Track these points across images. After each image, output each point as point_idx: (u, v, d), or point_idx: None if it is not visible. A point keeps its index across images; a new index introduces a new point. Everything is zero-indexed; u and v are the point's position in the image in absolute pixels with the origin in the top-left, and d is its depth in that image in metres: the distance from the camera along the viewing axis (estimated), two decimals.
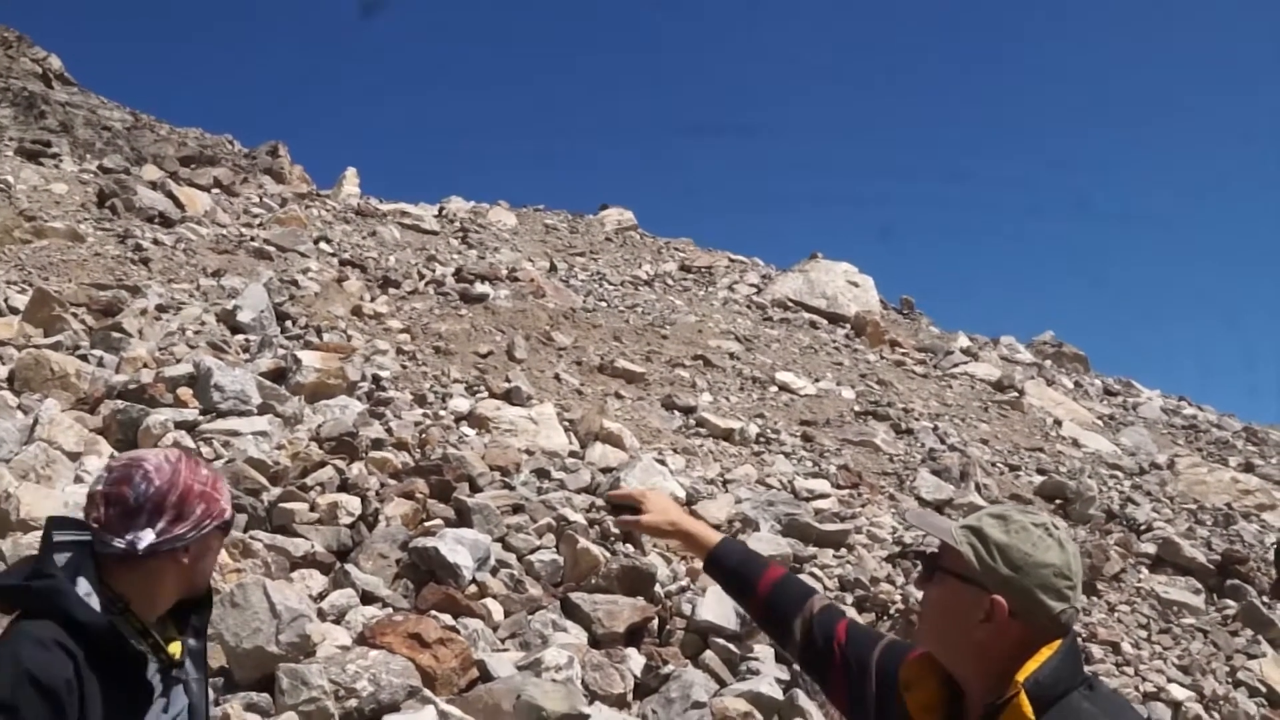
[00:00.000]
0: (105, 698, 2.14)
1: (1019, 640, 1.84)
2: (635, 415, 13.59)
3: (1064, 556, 1.87)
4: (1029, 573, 1.85)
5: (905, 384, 18.30)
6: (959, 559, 1.89)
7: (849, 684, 2.14)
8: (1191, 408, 22.09)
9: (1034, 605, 1.84)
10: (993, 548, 1.87)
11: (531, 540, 9.03)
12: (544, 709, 6.53)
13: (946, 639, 1.91)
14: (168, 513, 2.29)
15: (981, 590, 1.86)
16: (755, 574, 2.40)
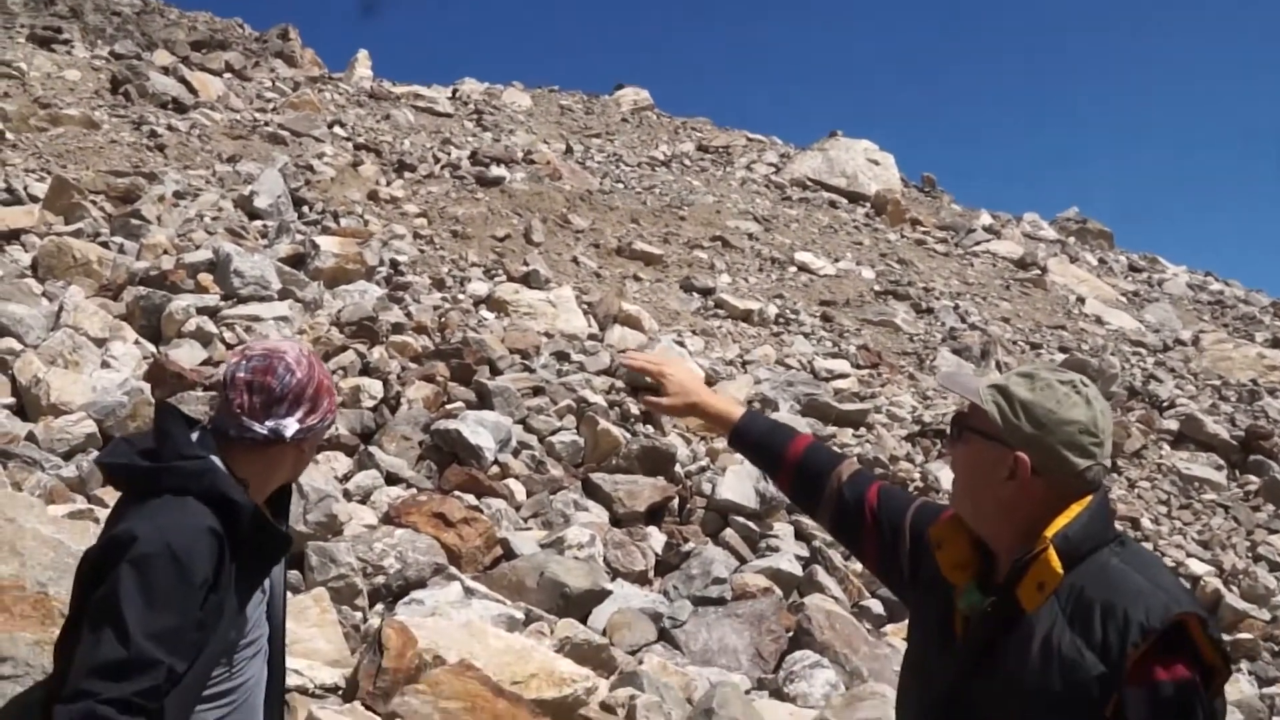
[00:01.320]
0: (239, 579, 2.21)
1: (1044, 498, 1.84)
2: (654, 297, 13.57)
3: (1090, 413, 1.86)
4: (1052, 430, 1.84)
5: (926, 263, 18.17)
6: (984, 418, 1.89)
7: (881, 547, 2.16)
8: (1218, 283, 21.89)
9: (1058, 462, 1.83)
10: (1017, 405, 1.86)
11: (552, 422, 9.10)
12: (567, 585, 6.65)
13: (975, 497, 1.92)
14: (305, 404, 2.35)
15: (1006, 448, 1.86)
16: (782, 445, 2.37)
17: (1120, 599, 1.73)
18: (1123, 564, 1.80)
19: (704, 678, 6.26)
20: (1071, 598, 1.77)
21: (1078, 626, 1.75)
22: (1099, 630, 1.72)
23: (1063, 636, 1.75)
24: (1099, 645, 1.72)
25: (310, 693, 4.47)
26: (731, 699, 5.58)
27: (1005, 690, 1.79)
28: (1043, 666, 1.75)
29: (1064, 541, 1.80)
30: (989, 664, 1.82)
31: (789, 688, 6.52)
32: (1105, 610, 1.73)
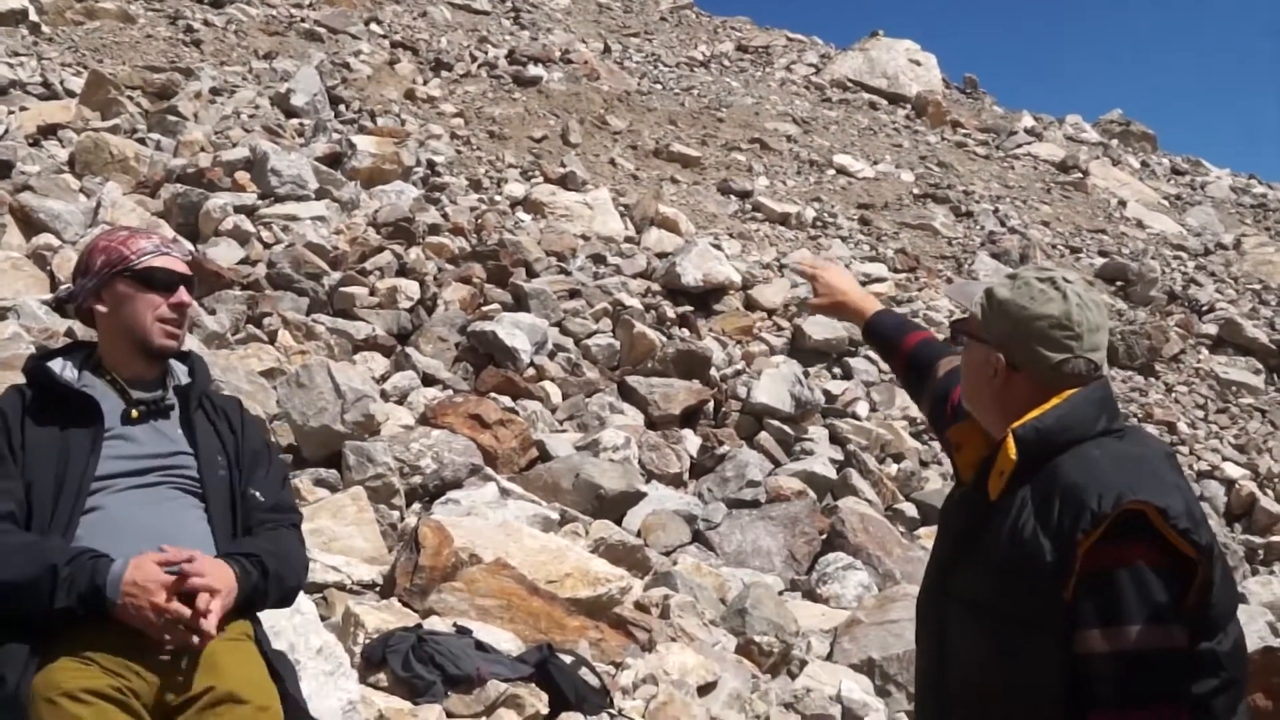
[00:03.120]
0: (45, 424, 2.47)
1: (1028, 393, 1.90)
2: (691, 200, 13.47)
3: (1064, 307, 1.88)
4: (1024, 324, 1.89)
5: (966, 165, 17.89)
6: (974, 321, 1.99)
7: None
8: (1262, 186, 21.43)
9: (1031, 357, 1.89)
10: (995, 304, 1.94)
11: (588, 325, 9.11)
12: (602, 487, 6.72)
13: (974, 397, 2.01)
14: (79, 266, 2.65)
15: (988, 347, 1.95)
16: (900, 337, 2.55)
17: (1079, 487, 1.76)
18: (1104, 455, 1.82)
19: (737, 578, 6.34)
20: (1043, 486, 1.81)
21: (1040, 513, 1.79)
22: (1055, 516, 1.76)
23: (1027, 523, 1.80)
24: (1053, 531, 1.76)
25: (348, 588, 4.56)
26: (765, 599, 5.66)
27: (979, 576, 1.86)
28: (1009, 552, 1.80)
29: (1032, 432, 1.84)
30: (967, 551, 1.90)
31: (822, 589, 6.59)
32: (1064, 497, 1.77)
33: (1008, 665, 1.80)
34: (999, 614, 1.81)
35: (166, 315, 2.61)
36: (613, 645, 4.43)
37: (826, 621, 5.98)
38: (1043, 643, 1.76)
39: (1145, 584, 1.72)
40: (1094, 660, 1.72)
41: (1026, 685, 1.78)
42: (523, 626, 4.27)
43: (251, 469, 2.66)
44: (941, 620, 1.94)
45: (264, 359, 7.13)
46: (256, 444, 2.73)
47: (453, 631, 3.88)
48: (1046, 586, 1.74)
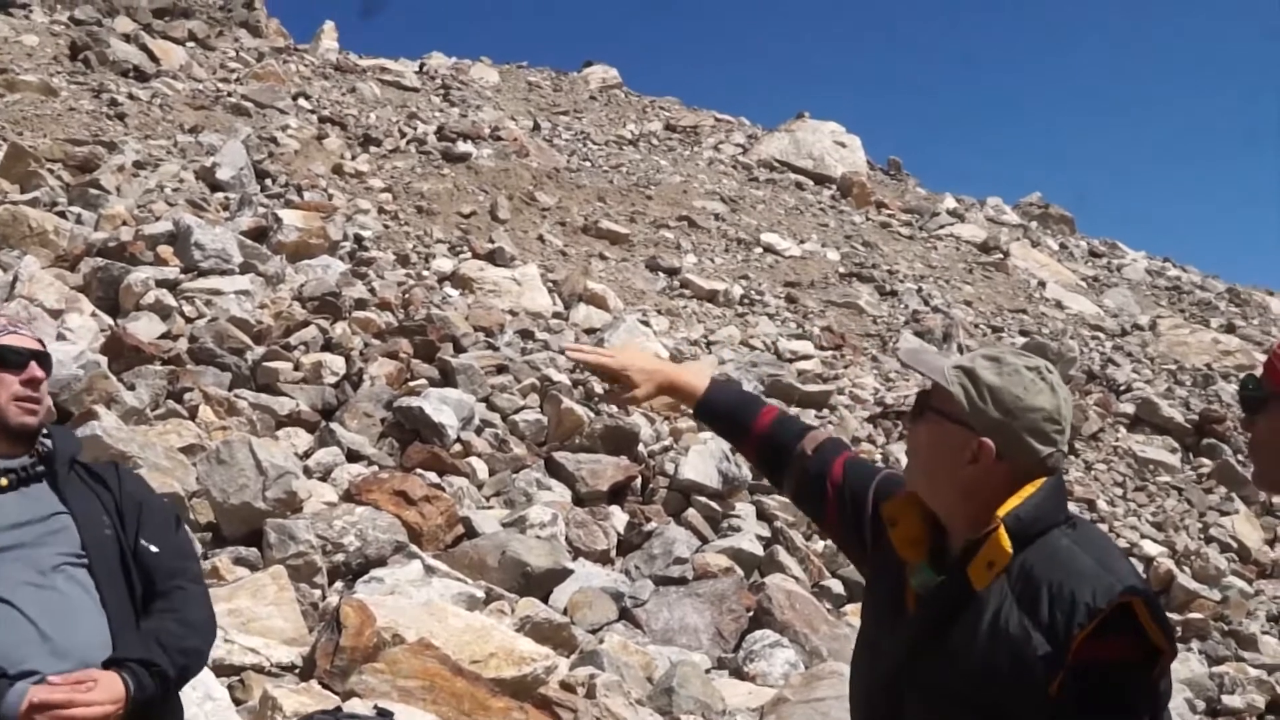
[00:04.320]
0: None
1: (1004, 482, 1.84)
2: (619, 276, 13.55)
3: (1055, 401, 1.86)
4: (1018, 416, 1.84)
5: (890, 245, 18.24)
6: (949, 399, 1.88)
7: (843, 518, 2.14)
8: (1176, 269, 22.11)
9: (1022, 448, 1.84)
10: (984, 389, 1.86)
11: (516, 400, 9.08)
12: (529, 564, 6.65)
13: (933, 478, 1.91)
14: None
15: (970, 431, 1.85)
16: (750, 415, 2.33)
17: (1068, 580, 1.74)
18: (1073, 545, 1.81)
19: (664, 656, 6.28)
20: (1021, 578, 1.78)
21: (1025, 606, 1.75)
22: (1046, 611, 1.73)
23: (1011, 616, 1.75)
24: (1045, 625, 1.72)
25: (267, 671, 4.45)
26: (691, 678, 5.61)
27: (952, 668, 1.79)
28: (990, 645, 1.75)
29: (1015, 521, 1.80)
30: (938, 642, 1.82)
31: (749, 667, 6.55)
32: (1053, 591, 1.74)
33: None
34: (971, 705, 1.77)
35: (20, 393, 2.57)
36: None
37: (753, 700, 5.93)
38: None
39: (1130, 680, 1.73)
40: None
41: None
42: (446, 708, 4.18)
43: (137, 519, 2.60)
44: (899, 711, 1.88)
45: (184, 435, 6.99)
46: (138, 494, 2.67)
47: (373, 714, 3.78)
48: (1032, 681, 1.72)
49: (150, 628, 2.47)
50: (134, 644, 2.43)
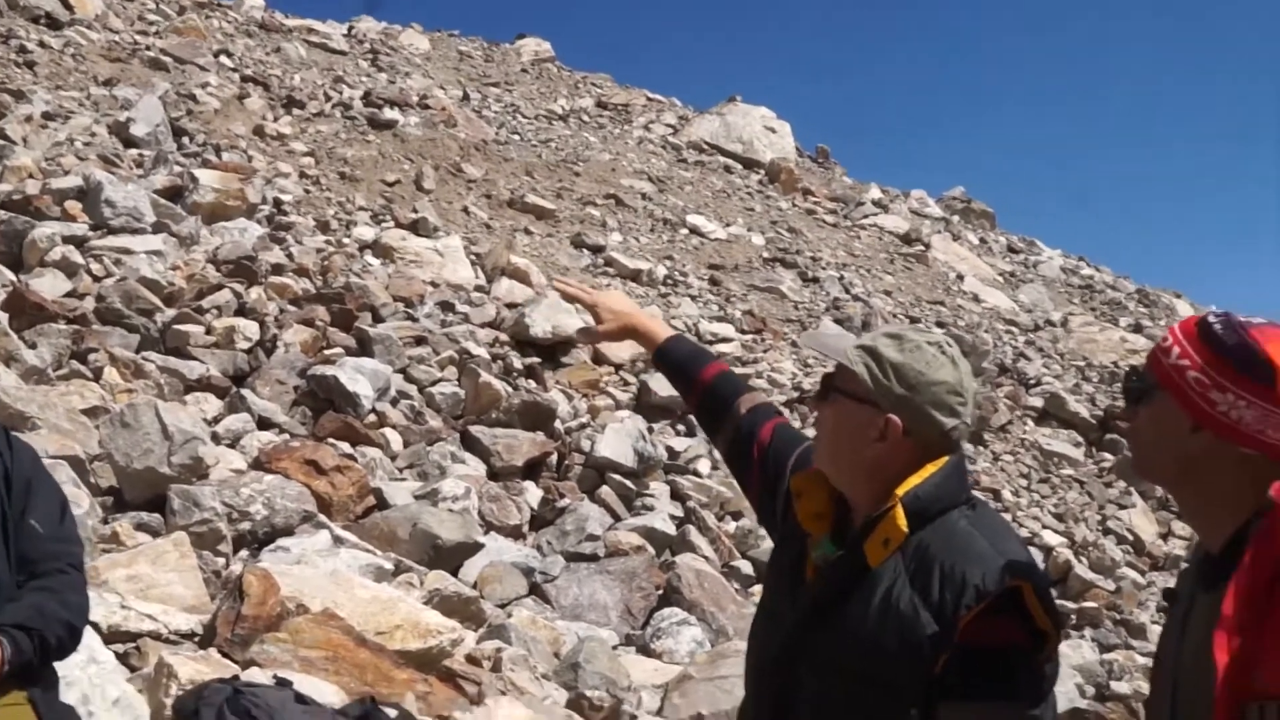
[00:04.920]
0: None
1: (909, 459, 1.87)
2: (543, 252, 13.48)
3: (956, 374, 1.90)
4: (922, 390, 1.87)
5: (815, 233, 18.37)
6: (854, 379, 1.90)
7: (763, 484, 2.16)
8: (1089, 268, 22.56)
9: (927, 422, 1.87)
10: (887, 366, 1.88)
11: (433, 372, 9.01)
12: (440, 537, 6.60)
13: (840, 458, 1.93)
14: None
15: (876, 409, 1.88)
16: (697, 368, 2.39)
17: (961, 561, 1.76)
18: (970, 527, 1.84)
19: (572, 632, 6.30)
20: (916, 556, 1.80)
21: (918, 584, 1.77)
22: (937, 590, 1.75)
23: (902, 593, 1.78)
24: (935, 605, 1.75)
25: (164, 638, 4.36)
26: (598, 653, 5.62)
27: (843, 641, 1.81)
28: (880, 621, 1.78)
29: (914, 500, 1.83)
30: (831, 615, 1.85)
31: (656, 644, 6.59)
32: (945, 571, 1.76)
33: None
34: (860, 678, 1.79)
35: None
36: (441, 699, 4.32)
37: (659, 677, 5.97)
38: (900, 710, 1.77)
39: (1013, 661, 1.75)
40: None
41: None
42: (348, 679, 4.14)
43: (25, 496, 2.53)
44: (789, 681, 1.90)
45: (87, 396, 6.82)
46: (28, 471, 2.60)
47: (272, 683, 3.73)
48: (918, 658, 1.75)
49: (31, 600, 2.42)
50: (13, 610, 2.38)
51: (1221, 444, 1.57)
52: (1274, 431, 1.53)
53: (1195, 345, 1.61)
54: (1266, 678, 1.42)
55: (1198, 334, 1.62)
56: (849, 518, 1.95)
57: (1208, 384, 1.57)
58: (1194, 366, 1.59)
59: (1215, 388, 1.56)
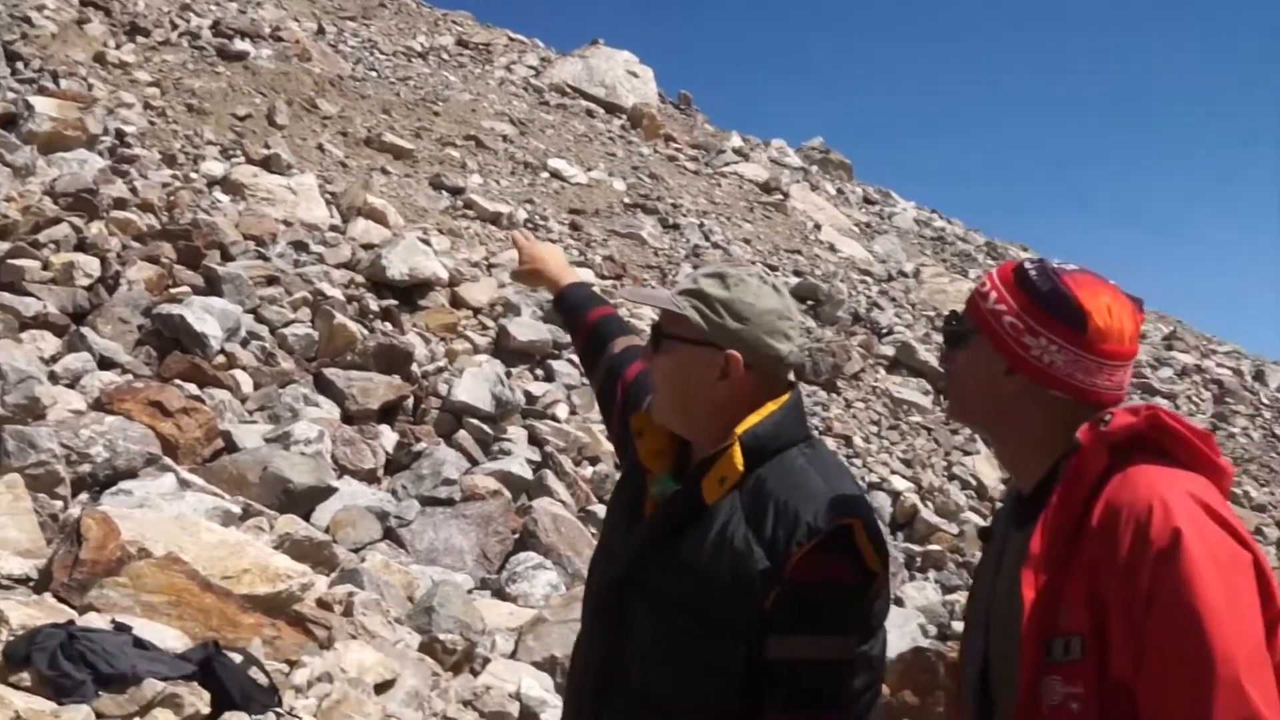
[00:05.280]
0: None
1: (751, 395, 1.90)
2: (401, 192, 13.23)
3: (781, 300, 1.94)
4: (755, 321, 1.89)
5: (676, 179, 18.43)
6: (685, 323, 1.91)
7: (622, 425, 2.17)
8: (942, 220, 23.19)
9: (765, 351, 1.89)
10: (717, 305, 1.90)
11: (285, 313, 8.80)
12: (291, 481, 6.50)
13: (684, 404, 1.93)
14: None
15: (714, 349, 1.89)
16: (586, 311, 2.45)
17: (795, 499, 1.80)
18: (807, 465, 1.88)
19: (427, 576, 6.28)
20: (752, 493, 1.83)
21: (753, 521, 1.81)
22: (770, 526, 1.79)
23: (737, 529, 1.81)
24: (768, 541, 1.78)
25: None
26: (453, 597, 5.62)
27: (677, 575, 1.84)
28: (714, 556, 1.80)
29: (752, 439, 1.85)
30: (667, 549, 1.87)
31: (511, 588, 6.62)
32: (779, 508, 1.80)
33: (692, 662, 1.81)
34: (692, 612, 1.81)
35: None
36: (289, 643, 4.27)
37: (514, 620, 6.00)
38: (731, 644, 1.79)
39: (841, 597, 1.78)
40: (781, 665, 1.77)
41: (708, 683, 1.80)
42: (192, 624, 4.05)
43: None
44: (626, 612, 1.92)
45: None
46: None
47: (110, 628, 3.63)
48: (750, 592, 1.77)
49: None
50: None
51: (1034, 387, 1.62)
52: (1083, 375, 1.59)
53: (1012, 290, 1.65)
54: (1070, 614, 1.48)
55: (1014, 279, 1.66)
56: (690, 455, 1.97)
57: (1022, 328, 1.61)
58: (1010, 311, 1.63)
59: (1029, 332, 1.61)
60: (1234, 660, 1.36)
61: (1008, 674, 1.56)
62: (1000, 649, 1.62)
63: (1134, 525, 1.45)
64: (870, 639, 1.82)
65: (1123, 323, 1.61)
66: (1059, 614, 1.50)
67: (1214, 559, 1.41)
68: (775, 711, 1.77)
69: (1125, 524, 1.46)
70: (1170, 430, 1.55)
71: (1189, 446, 1.56)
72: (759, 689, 1.78)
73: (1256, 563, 1.47)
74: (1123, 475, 1.51)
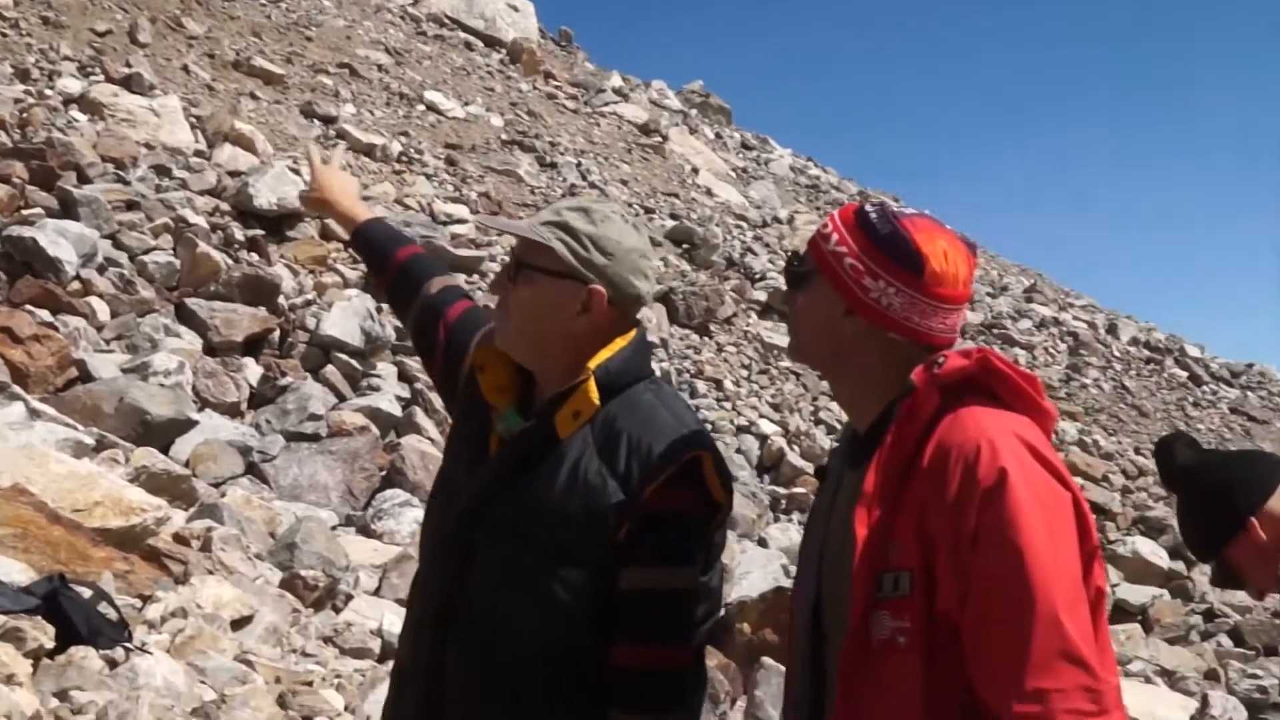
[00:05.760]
0: None
1: (607, 330, 1.91)
2: (270, 119, 12.85)
3: (643, 240, 1.96)
4: (621, 258, 1.90)
5: (555, 117, 18.27)
6: (550, 255, 1.89)
7: (446, 361, 2.16)
8: (817, 169, 23.47)
9: (627, 290, 1.91)
10: (584, 239, 1.89)
11: (146, 240, 8.51)
12: (149, 413, 6.34)
13: (539, 337, 1.92)
14: None
15: (577, 283, 1.89)
16: (394, 249, 2.36)
17: (647, 433, 1.83)
18: (655, 400, 1.90)
19: (290, 513, 6.19)
20: (603, 428, 1.85)
21: (605, 456, 1.83)
22: (623, 461, 1.81)
23: (590, 464, 1.83)
24: (621, 475, 1.80)
25: None
26: (316, 534, 5.56)
27: (527, 510, 1.85)
28: (567, 491, 1.82)
29: (604, 374, 1.87)
30: (517, 484, 1.87)
31: (377, 525, 6.58)
32: (631, 442, 1.82)
33: (542, 594, 1.82)
34: (543, 546, 1.82)
35: None
36: (143, 578, 4.18)
37: (378, 557, 5.97)
38: (582, 577, 1.81)
39: (691, 529, 1.82)
40: (632, 596, 1.79)
41: (558, 614, 1.81)
42: (39, 557, 3.94)
43: None
44: (471, 548, 1.91)
45: None
46: None
47: None
48: (603, 526, 1.79)
49: None
50: None
51: (871, 329, 1.64)
52: (919, 318, 1.62)
53: (852, 233, 1.67)
54: (900, 550, 1.52)
55: (855, 222, 1.68)
56: (533, 391, 1.98)
57: (861, 270, 1.64)
58: (850, 253, 1.65)
59: (868, 274, 1.63)
60: (1053, 596, 1.42)
61: (839, 609, 1.60)
62: (833, 584, 1.65)
63: (963, 465, 1.49)
64: (710, 569, 1.87)
65: (958, 267, 1.64)
66: (889, 551, 1.54)
67: (1037, 498, 1.47)
68: (625, 642, 1.80)
69: (955, 464, 1.50)
70: (999, 373, 1.60)
71: (1016, 389, 1.60)
72: (608, 620, 1.81)
73: (1076, 501, 1.53)
74: (953, 416, 1.55)
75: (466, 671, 1.85)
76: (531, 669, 1.83)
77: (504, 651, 1.83)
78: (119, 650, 3.50)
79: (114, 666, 3.47)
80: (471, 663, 1.84)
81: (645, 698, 1.81)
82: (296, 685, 3.90)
